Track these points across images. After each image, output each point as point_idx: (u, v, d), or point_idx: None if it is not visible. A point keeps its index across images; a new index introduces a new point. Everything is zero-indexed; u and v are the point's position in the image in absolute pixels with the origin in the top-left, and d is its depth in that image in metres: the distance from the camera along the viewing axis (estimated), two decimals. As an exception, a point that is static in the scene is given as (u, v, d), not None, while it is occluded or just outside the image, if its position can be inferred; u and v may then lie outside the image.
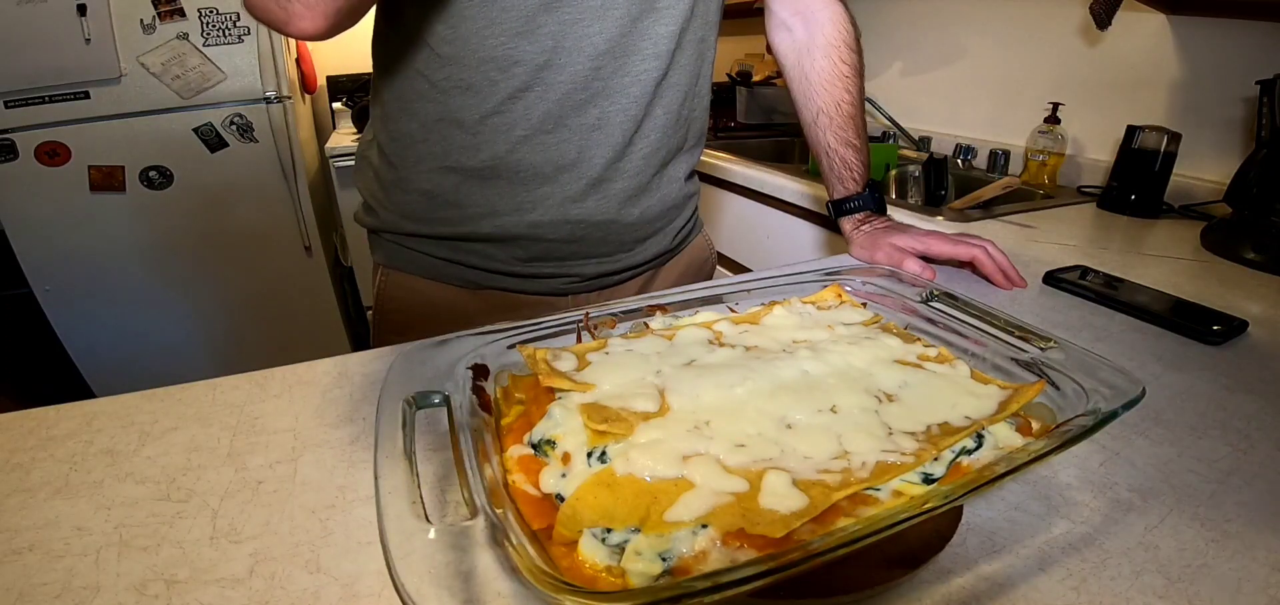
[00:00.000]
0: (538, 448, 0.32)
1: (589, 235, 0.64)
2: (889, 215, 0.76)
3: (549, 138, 0.59)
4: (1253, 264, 0.77)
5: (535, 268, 0.66)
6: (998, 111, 1.41)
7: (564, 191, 0.61)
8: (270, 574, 0.31)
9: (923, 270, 0.66)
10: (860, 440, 0.32)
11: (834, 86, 0.73)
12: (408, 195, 0.63)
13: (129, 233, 1.71)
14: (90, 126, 1.59)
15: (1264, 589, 0.30)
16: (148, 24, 1.56)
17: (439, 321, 0.39)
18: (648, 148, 0.64)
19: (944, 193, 1.31)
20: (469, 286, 0.66)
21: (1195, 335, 0.56)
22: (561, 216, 0.62)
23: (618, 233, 0.66)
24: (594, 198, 0.62)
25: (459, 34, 0.55)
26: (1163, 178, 1.00)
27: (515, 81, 0.57)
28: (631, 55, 0.59)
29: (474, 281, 0.66)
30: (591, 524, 0.26)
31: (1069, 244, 0.84)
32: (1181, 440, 0.41)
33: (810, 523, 0.26)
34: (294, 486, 0.37)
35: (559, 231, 0.63)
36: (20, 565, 0.31)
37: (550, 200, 0.61)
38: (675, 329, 0.44)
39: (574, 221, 0.63)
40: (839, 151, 0.74)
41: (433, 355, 0.36)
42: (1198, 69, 1.08)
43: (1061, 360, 0.37)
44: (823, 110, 0.74)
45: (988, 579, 0.31)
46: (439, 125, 0.59)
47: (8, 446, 0.40)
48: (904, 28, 1.59)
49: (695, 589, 0.22)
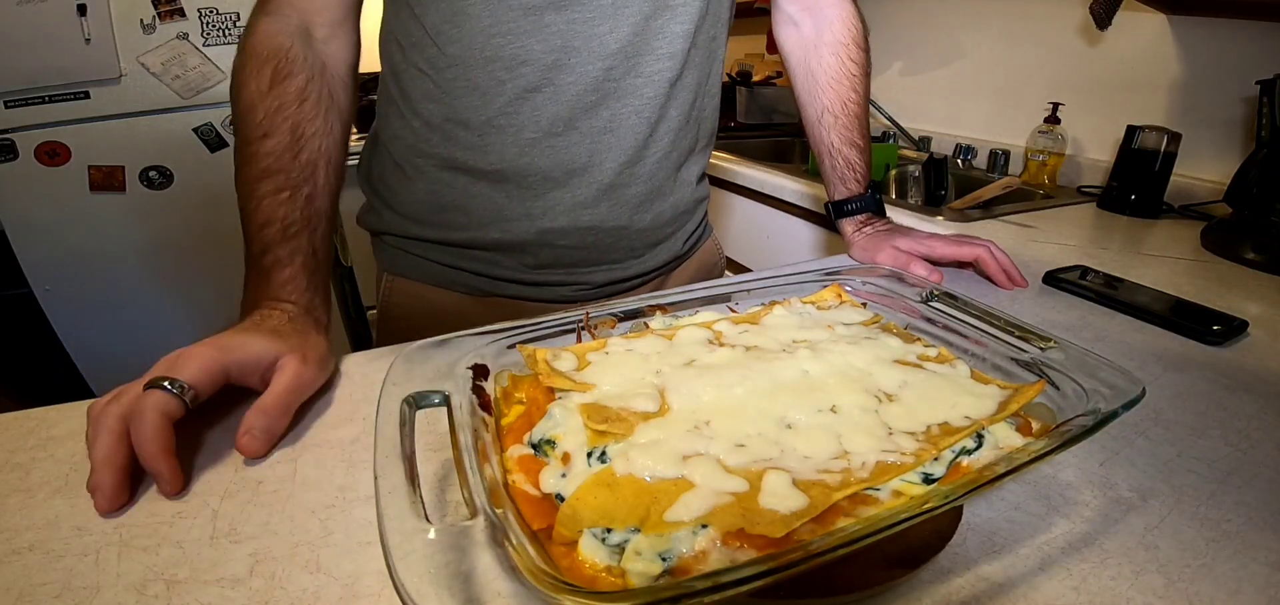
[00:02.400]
0: (538, 448, 0.32)
1: (600, 242, 0.63)
2: (888, 218, 0.75)
3: (559, 140, 0.58)
4: (1253, 264, 0.77)
5: (544, 275, 0.64)
6: (998, 111, 1.41)
7: (574, 197, 0.60)
8: (270, 574, 0.31)
9: (929, 273, 0.66)
10: (860, 440, 0.32)
11: (841, 85, 0.72)
12: (413, 197, 0.62)
13: (129, 233, 1.70)
14: (90, 126, 1.59)
15: (1264, 589, 0.30)
16: (148, 24, 1.56)
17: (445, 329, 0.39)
18: (660, 151, 0.63)
19: (944, 193, 1.31)
20: (475, 294, 0.65)
21: (1195, 335, 0.56)
22: (572, 223, 0.61)
23: (629, 239, 0.65)
24: (605, 203, 0.61)
25: (464, 32, 0.55)
26: (1163, 178, 1.00)
27: (523, 82, 0.56)
28: (644, 55, 0.58)
29: (481, 289, 0.65)
30: (591, 524, 0.26)
31: (1069, 244, 0.84)
32: (1181, 440, 0.41)
33: (810, 523, 0.26)
34: (294, 486, 0.37)
35: (569, 238, 0.62)
36: (20, 565, 0.31)
37: (560, 206, 0.60)
38: (675, 329, 0.44)
39: (584, 228, 0.61)
40: (843, 151, 0.73)
41: (433, 355, 0.36)
42: (1198, 69, 1.08)
43: (1061, 360, 0.37)
44: (828, 109, 0.72)
45: (988, 579, 0.31)
46: (445, 125, 0.58)
47: (8, 446, 0.40)
48: (904, 28, 1.59)
49: (695, 589, 0.22)
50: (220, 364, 0.39)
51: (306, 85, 0.52)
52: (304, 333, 0.46)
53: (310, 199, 0.51)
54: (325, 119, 0.53)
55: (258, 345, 0.42)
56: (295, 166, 0.50)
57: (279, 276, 0.48)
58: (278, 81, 0.50)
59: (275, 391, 0.40)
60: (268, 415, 0.39)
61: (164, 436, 0.35)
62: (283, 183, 0.49)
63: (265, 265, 0.48)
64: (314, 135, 0.51)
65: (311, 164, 0.51)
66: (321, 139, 0.52)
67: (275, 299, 0.47)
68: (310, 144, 0.51)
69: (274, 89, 0.50)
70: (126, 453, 0.35)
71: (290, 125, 0.50)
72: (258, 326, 0.44)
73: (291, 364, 0.41)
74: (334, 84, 0.55)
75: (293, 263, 0.48)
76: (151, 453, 0.34)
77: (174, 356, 0.39)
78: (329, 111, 0.53)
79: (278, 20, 0.52)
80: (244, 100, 0.50)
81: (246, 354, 0.41)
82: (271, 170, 0.49)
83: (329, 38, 0.55)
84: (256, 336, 0.43)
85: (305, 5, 0.53)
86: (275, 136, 0.49)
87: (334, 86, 0.55)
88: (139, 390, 0.36)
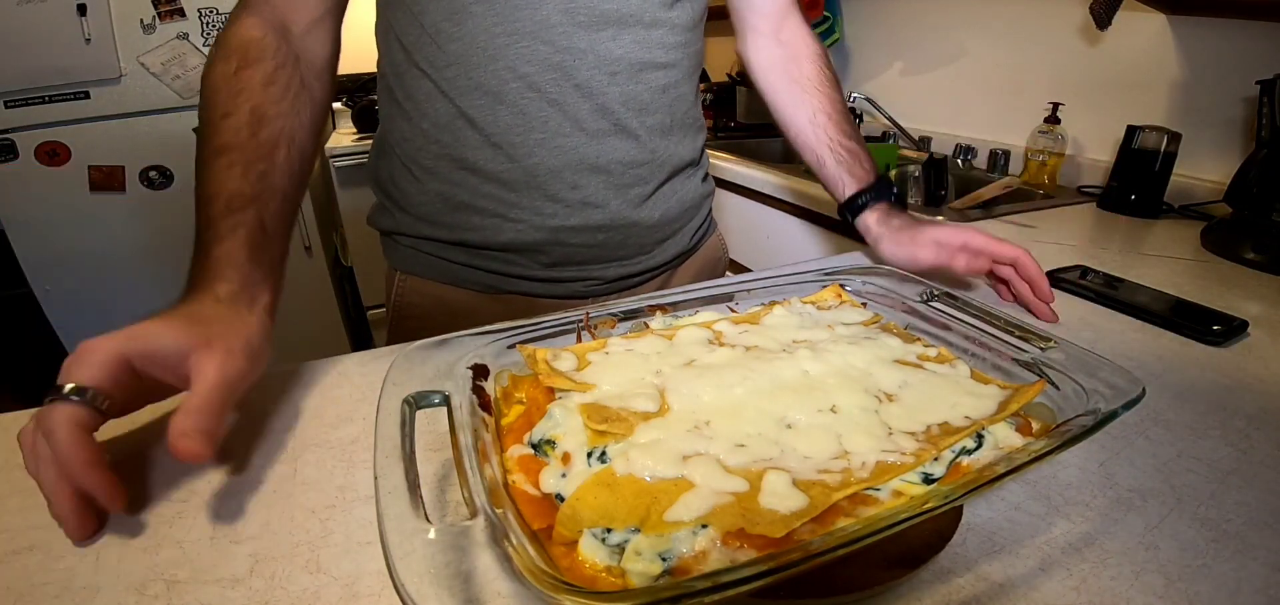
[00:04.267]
0: (538, 448, 0.32)
1: (610, 239, 0.64)
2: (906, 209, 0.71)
3: (567, 142, 0.58)
4: (1253, 264, 0.77)
5: (556, 272, 0.65)
6: (998, 111, 1.41)
7: (585, 197, 0.61)
8: (270, 574, 0.31)
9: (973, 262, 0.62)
10: (860, 440, 0.32)
11: (827, 87, 0.73)
12: (425, 198, 0.62)
13: (129, 233, 1.71)
14: (90, 126, 1.59)
15: (1264, 589, 0.30)
16: (148, 24, 1.56)
17: (459, 326, 0.38)
18: (667, 149, 0.64)
19: (944, 193, 1.31)
20: (488, 291, 0.66)
21: (1195, 335, 0.56)
22: (583, 221, 0.61)
23: (638, 236, 0.65)
24: (616, 203, 0.62)
25: (464, 30, 0.55)
26: (1163, 178, 1.00)
27: (529, 85, 0.56)
28: (646, 61, 0.59)
29: (494, 286, 0.65)
30: (591, 524, 0.26)
31: (1069, 244, 0.84)
32: (1181, 440, 0.41)
33: (810, 523, 0.26)
34: (294, 486, 0.37)
35: (581, 237, 0.62)
36: (20, 565, 0.31)
37: (572, 206, 0.61)
38: (675, 329, 0.44)
39: (595, 226, 0.62)
40: (844, 144, 0.71)
41: (433, 355, 0.36)
42: (1198, 69, 1.08)
43: (1061, 360, 0.37)
44: (820, 109, 0.72)
45: (987, 579, 0.31)
46: (453, 124, 0.58)
47: (8, 446, 0.40)
48: (904, 28, 1.59)
49: (695, 589, 0.22)
50: (120, 355, 0.35)
51: (275, 71, 0.50)
52: (232, 319, 0.40)
53: (264, 176, 0.47)
54: (292, 102, 0.50)
55: (165, 336, 0.36)
56: (252, 144, 0.47)
57: (215, 252, 0.43)
58: (243, 68, 0.49)
59: (199, 392, 0.35)
60: (192, 416, 0.33)
61: (82, 451, 0.31)
62: (236, 158, 0.46)
63: (205, 240, 0.44)
64: (276, 117, 0.49)
65: (271, 143, 0.48)
66: (285, 120, 0.49)
67: (209, 278, 0.42)
68: (272, 124, 0.48)
69: (239, 74, 0.49)
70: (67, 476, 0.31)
71: (251, 106, 0.48)
72: (174, 314, 0.39)
73: (212, 359, 0.36)
74: (307, 74, 0.53)
75: (233, 237, 0.44)
76: (74, 470, 0.31)
77: (75, 354, 0.34)
78: (298, 97, 0.51)
79: (255, 15, 0.51)
80: (209, 84, 0.49)
81: (151, 345, 0.36)
82: (227, 146, 0.46)
83: (306, 33, 0.54)
84: (167, 326, 0.37)
85: (283, 3, 0.53)
86: (235, 116, 0.47)
87: (307, 76, 0.53)
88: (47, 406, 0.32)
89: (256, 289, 0.44)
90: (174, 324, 0.37)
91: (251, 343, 0.40)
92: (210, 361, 0.36)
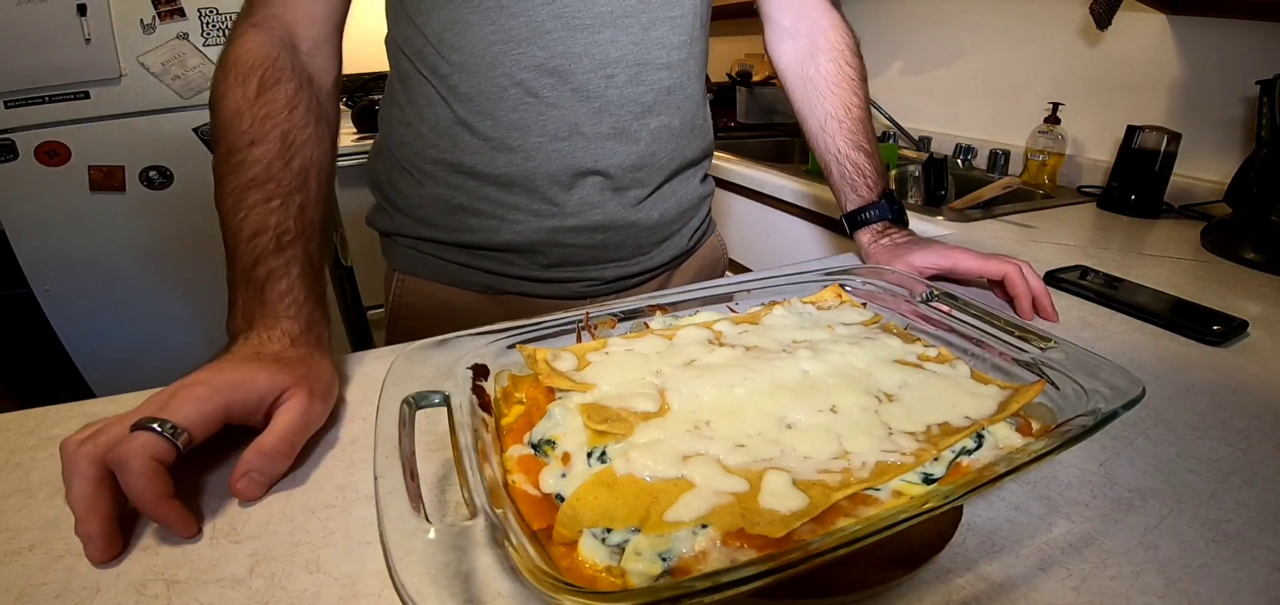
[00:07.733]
0: (538, 448, 0.32)
1: (609, 240, 0.64)
2: (910, 228, 0.70)
3: (564, 145, 0.59)
4: (1253, 264, 0.77)
5: (555, 273, 0.65)
6: (998, 111, 1.41)
7: (582, 198, 0.61)
8: (270, 574, 0.31)
9: None
10: (860, 440, 0.32)
11: (841, 89, 0.71)
12: (424, 200, 0.63)
13: (129, 233, 1.70)
14: (90, 126, 1.59)
15: (1264, 589, 0.30)
16: (148, 24, 1.56)
17: (458, 326, 0.38)
18: (665, 152, 0.64)
19: (944, 193, 1.31)
20: (488, 292, 0.66)
21: (1195, 335, 0.56)
22: (582, 223, 0.62)
23: (637, 237, 0.66)
24: (614, 204, 0.62)
25: (465, 40, 0.56)
26: (1163, 178, 1.00)
27: (527, 90, 0.56)
28: (645, 61, 0.59)
29: (493, 286, 0.65)
30: (591, 524, 0.26)
31: (1069, 244, 0.84)
32: (1181, 440, 0.41)
33: (810, 523, 0.26)
34: (294, 486, 0.37)
35: (579, 238, 0.63)
36: (20, 565, 0.31)
37: (569, 207, 0.61)
38: (675, 329, 0.44)
39: (594, 227, 0.62)
40: (850, 156, 0.70)
41: (433, 355, 0.36)
42: (1198, 69, 1.08)
43: (1061, 360, 0.37)
44: (831, 114, 0.71)
45: (988, 579, 0.31)
46: (453, 130, 0.59)
47: (8, 446, 0.40)
48: (904, 28, 1.59)
49: (695, 589, 0.22)
50: (220, 406, 0.35)
51: (296, 93, 0.49)
52: (309, 359, 0.41)
53: (303, 208, 0.47)
54: (315, 128, 0.50)
55: (262, 381, 0.37)
56: (287, 174, 0.46)
57: (275, 289, 0.43)
58: (265, 89, 0.47)
59: (278, 430, 0.36)
60: (268, 458, 0.35)
61: (157, 483, 0.31)
62: (273, 191, 0.45)
63: (258, 277, 0.43)
64: (305, 144, 0.48)
65: (304, 172, 0.47)
66: (312, 147, 0.49)
67: (273, 316, 0.42)
68: (302, 152, 0.48)
69: (262, 96, 0.47)
70: (110, 499, 0.31)
71: (280, 132, 0.47)
72: (258, 355, 0.40)
73: (298, 400, 0.38)
74: (320, 94, 0.53)
75: (289, 273, 0.44)
76: (148, 501, 0.31)
77: (168, 392, 0.35)
78: (319, 121, 0.50)
79: (262, 32, 0.50)
80: (227, 108, 0.47)
81: (251, 392, 0.37)
82: (261, 179, 0.45)
83: (314, 51, 0.53)
84: (260, 369, 0.38)
85: (291, 18, 0.52)
86: (264, 144, 0.46)
87: (321, 97, 0.53)
88: (122, 430, 0.32)
89: (319, 327, 0.45)
90: (264, 367, 0.38)
91: (328, 385, 0.42)
92: (297, 401, 0.38)
